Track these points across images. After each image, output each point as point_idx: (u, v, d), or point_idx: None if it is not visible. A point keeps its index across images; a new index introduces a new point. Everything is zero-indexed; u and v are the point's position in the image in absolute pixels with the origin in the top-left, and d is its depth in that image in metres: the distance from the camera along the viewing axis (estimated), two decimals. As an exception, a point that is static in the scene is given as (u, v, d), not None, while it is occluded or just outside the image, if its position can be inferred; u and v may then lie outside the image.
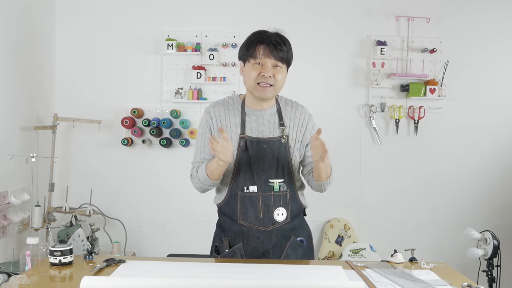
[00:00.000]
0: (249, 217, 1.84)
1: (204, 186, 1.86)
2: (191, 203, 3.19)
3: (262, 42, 1.80)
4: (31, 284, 1.51)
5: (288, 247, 1.87)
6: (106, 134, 3.29)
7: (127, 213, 3.27)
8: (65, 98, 3.28)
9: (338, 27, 3.30)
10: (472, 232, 2.81)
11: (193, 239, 3.09)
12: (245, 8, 3.28)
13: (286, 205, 1.86)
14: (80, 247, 2.65)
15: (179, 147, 3.27)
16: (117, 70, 3.30)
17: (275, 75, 1.81)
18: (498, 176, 3.35)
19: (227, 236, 1.90)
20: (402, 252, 1.86)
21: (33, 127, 2.99)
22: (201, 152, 1.91)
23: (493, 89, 3.32)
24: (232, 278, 1.49)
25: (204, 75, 3.23)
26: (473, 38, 3.30)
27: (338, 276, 1.59)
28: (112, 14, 3.28)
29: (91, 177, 3.26)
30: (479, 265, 2.96)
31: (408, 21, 3.26)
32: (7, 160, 2.55)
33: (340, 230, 3.28)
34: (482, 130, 3.33)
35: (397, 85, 3.30)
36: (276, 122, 1.90)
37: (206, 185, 1.85)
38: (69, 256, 1.70)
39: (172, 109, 3.25)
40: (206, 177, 1.81)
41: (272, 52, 1.79)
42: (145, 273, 1.60)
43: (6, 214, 2.68)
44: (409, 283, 1.53)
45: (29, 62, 2.98)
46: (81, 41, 3.28)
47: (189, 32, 3.27)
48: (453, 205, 3.36)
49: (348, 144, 3.33)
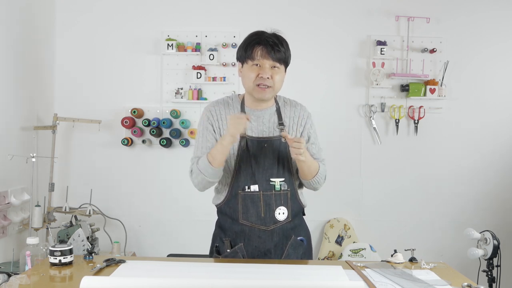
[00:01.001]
0: (251, 217, 1.84)
1: (205, 178, 1.79)
2: (191, 203, 3.19)
3: (260, 44, 1.80)
4: (31, 284, 1.51)
5: (289, 247, 1.88)
6: (106, 134, 3.29)
7: (127, 213, 3.27)
8: (65, 98, 3.28)
9: (338, 27, 3.30)
10: (472, 232, 2.81)
11: (193, 239, 3.08)
12: (245, 8, 3.28)
13: (287, 204, 1.86)
14: (80, 247, 2.65)
15: (179, 147, 3.27)
16: (117, 70, 3.30)
17: (273, 76, 1.81)
18: (498, 176, 3.35)
19: (228, 236, 1.89)
20: (402, 252, 1.87)
21: (33, 127, 2.99)
22: (202, 147, 1.89)
23: (493, 89, 3.32)
24: (232, 278, 1.49)
25: (204, 75, 3.23)
26: (473, 38, 3.30)
27: (338, 276, 1.59)
28: (112, 14, 3.28)
29: (91, 177, 3.26)
30: (479, 265, 2.96)
31: (408, 21, 3.26)
32: (7, 160, 2.55)
33: (340, 230, 3.28)
34: (482, 130, 3.33)
35: (397, 85, 3.30)
36: (275, 122, 1.90)
37: (207, 175, 1.78)
38: (69, 256, 1.70)
39: (172, 109, 3.25)
40: (208, 164, 1.76)
41: (270, 53, 1.79)
42: (145, 273, 1.60)
43: (6, 214, 2.68)
44: (409, 283, 1.53)
45: (29, 62, 2.98)
46: (81, 41, 3.28)
47: (189, 32, 3.27)
48: (453, 205, 3.36)
49: (348, 144, 3.33)
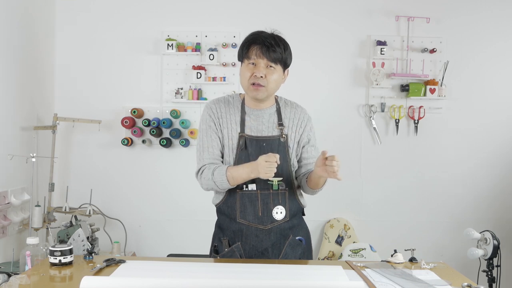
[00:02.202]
0: (248, 216, 1.84)
1: (216, 188, 1.84)
2: (191, 203, 3.19)
3: (256, 43, 1.81)
4: (31, 284, 1.51)
5: (287, 246, 1.88)
6: (106, 134, 3.29)
7: (127, 213, 3.27)
8: (65, 98, 3.28)
9: (338, 27, 3.29)
10: (472, 232, 2.81)
11: (193, 239, 3.08)
12: (245, 8, 3.28)
13: (285, 204, 1.87)
14: (80, 247, 2.65)
15: (179, 147, 3.27)
16: (117, 70, 3.30)
17: (267, 76, 1.81)
18: (498, 176, 3.35)
19: (226, 235, 1.90)
20: (402, 252, 1.87)
21: (33, 127, 2.99)
22: (209, 146, 1.88)
23: (493, 89, 3.32)
24: (232, 278, 1.49)
25: (204, 75, 3.23)
26: (473, 38, 3.30)
27: (338, 276, 1.59)
28: (112, 14, 3.28)
29: (91, 177, 3.26)
30: (479, 265, 2.96)
31: (408, 21, 3.26)
32: (7, 160, 2.55)
33: (340, 230, 3.28)
34: (482, 130, 3.33)
35: (397, 85, 3.30)
36: (275, 122, 1.91)
37: (220, 187, 1.82)
38: (69, 256, 1.70)
39: (172, 109, 3.25)
40: (225, 182, 1.79)
41: (265, 53, 1.79)
42: (145, 273, 1.60)
43: (6, 214, 2.68)
44: (409, 283, 1.53)
45: (29, 62, 2.98)
46: (81, 41, 3.28)
47: (189, 32, 3.27)
48: (453, 205, 3.35)
49: (348, 144, 3.33)
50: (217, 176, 1.80)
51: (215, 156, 1.87)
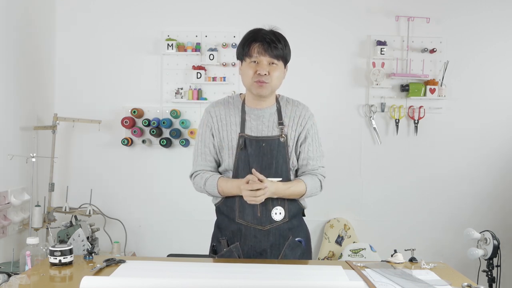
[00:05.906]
0: (247, 216, 1.84)
1: (208, 195, 1.93)
2: (191, 203, 3.19)
3: (257, 41, 1.81)
4: (31, 284, 1.51)
5: (286, 247, 1.87)
6: (106, 134, 3.29)
7: (127, 213, 3.27)
8: (65, 98, 3.28)
9: (338, 26, 3.29)
10: (472, 232, 2.81)
11: (193, 239, 3.08)
12: (245, 8, 3.28)
13: (284, 204, 1.86)
14: (80, 247, 2.65)
15: (179, 147, 3.27)
16: (117, 70, 3.29)
17: (271, 73, 1.81)
18: (498, 176, 3.35)
19: (225, 235, 1.90)
20: (402, 252, 1.87)
21: (33, 127, 2.99)
22: (202, 153, 1.92)
23: (493, 89, 3.32)
24: (232, 278, 1.49)
25: (204, 75, 3.23)
26: (473, 38, 3.30)
27: (338, 276, 1.59)
28: (112, 14, 3.28)
29: (91, 177, 3.26)
30: (479, 265, 2.96)
31: (408, 21, 3.26)
32: (7, 160, 2.55)
33: (340, 230, 3.28)
34: (482, 130, 3.33)
35: (397, 85, 3.29)
36: (275, 121, 1.90)
37: (211, 195, 1.91)
38: (69, 256, 1.70)
39: (172, 109, 3.25)
40: (215, 192, 1.86)
41: (267, 50, 1.79)
42: (145, 273, 1.60)
43: (6, 214, 2.68)
44: (409, 283, 1.53)
45: (29, 62, 2.98)
46: (81, 41, 3.28)
47: (189, 32, 3.27)
48: (453, 205, 3.35)
49: (348, 144, 3.33)
50: (208, 187, 1.87)
51: (207, 163, 1.92)
